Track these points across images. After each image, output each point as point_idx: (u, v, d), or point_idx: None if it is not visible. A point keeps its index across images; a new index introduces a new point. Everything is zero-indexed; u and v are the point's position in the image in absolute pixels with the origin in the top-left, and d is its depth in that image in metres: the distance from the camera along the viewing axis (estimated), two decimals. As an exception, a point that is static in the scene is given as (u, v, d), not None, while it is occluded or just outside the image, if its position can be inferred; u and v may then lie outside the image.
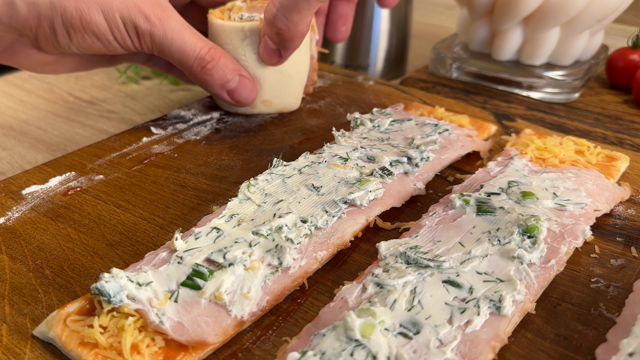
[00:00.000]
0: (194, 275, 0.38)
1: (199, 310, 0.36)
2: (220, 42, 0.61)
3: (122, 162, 0.56)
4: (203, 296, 0.37)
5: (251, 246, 0.40)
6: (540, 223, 0.42)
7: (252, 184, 0.47)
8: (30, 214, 0.48)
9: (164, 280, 0.38)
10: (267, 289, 0.39)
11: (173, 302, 0.37)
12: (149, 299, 0.36)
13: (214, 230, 0.42)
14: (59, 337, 0.35)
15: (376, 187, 0.47)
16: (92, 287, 0.36)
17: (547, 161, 0.53)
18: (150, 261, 0.40)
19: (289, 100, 0.65)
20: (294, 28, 0.53)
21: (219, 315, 0.36)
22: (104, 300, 0.35)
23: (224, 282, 0.38)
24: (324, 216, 0.44)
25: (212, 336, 0.35)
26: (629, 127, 0.65)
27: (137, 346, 0.34)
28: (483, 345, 0.34)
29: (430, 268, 0.39)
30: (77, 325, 0.35)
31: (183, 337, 0.34)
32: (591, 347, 0.36)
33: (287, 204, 0.45)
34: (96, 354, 0.34)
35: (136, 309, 0.35)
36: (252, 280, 0.38)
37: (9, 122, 0.71)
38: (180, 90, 0.80)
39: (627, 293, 0.40)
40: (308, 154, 0.52)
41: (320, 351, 0.33)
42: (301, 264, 0.41)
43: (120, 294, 0.35)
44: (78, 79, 0.84)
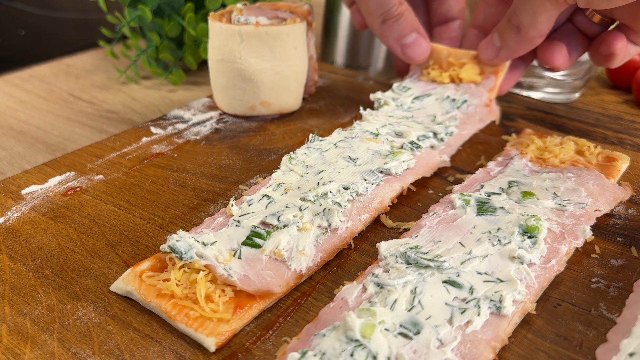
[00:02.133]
0: (253, 236, 0.42)
1: (262, 265, 0.40)
2: (218, 44, 0.61)
3: (122, 162, 0.56)
4: (264, 253, 0.41)
5: (301, 210, 0.44)
6: (541, 223, 0.42)
7: (293, 157, 0.51)
8: (30, 214, 0.48)
9: (226, 241, 0.42)
10: (319, 247, 0.43)
11: (237, 259, 0.40)
12: (215, 256, 0.39)
13: (265, 197, 0.46)
14: (138, 291, 0.38)
15: (408, 158, 0.51)
16: (163, 247, 0.39)
17: (547, 161, 0.52)
18: (209, 225, 0.44)
19: (288, 101, 0.65)
20: (524, 31, 0.53)
21: (280, 269, 0.40)
22: (175, 257, 0.39)
23: (281, 240, 0.41)
24: (363, 184, 0.48)
25: (276, 287, 0.39)
26: (629, 127, 0.65)
27: (210, 296, 0.38)
28: (483, 345, 0.34)
29: (431, 268, 0.39)
30: (152, 280, 0.39)
31: (251, 288, 0.38)
32: (591, 347, 0.36)
33: (329, 174, 0.49)
34: (174, 303, 0.37)
35: (205, 265, 0.38)
36: (306, 240, 0.42)
37: (9, 122, 0.71)
38: (180, 90, 0.80)
39: (627, 293, 0.40)
40: (341, 130, 0.56)
41: (320, 351, 0.33)
42: (347, 226, 0.45)
43: (190, 251, 0.39)
44: (78, 78, 0.84)
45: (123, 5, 0.78)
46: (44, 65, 0.89)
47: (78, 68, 0.88)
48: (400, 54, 0.61)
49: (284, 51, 0.61)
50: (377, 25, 0.61)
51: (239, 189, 0.52)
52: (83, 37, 1.05)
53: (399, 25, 0.60)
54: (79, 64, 0.90)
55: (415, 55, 0.61)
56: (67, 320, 0.38)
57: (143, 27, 0.81)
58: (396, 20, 0.60)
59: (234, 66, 0.61)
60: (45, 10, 1.17)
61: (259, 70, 0.61)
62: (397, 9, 0.60)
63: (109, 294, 0.40)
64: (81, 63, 0.90)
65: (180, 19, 0.77)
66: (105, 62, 0.90)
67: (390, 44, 0.61)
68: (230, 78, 0.63)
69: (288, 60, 0.62)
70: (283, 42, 0.61)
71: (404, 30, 0.60)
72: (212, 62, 0.64)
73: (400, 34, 0.60)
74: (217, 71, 0.63)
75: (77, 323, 0.37)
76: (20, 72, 0.85)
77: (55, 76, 0.85)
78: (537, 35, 0.54)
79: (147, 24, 0.79)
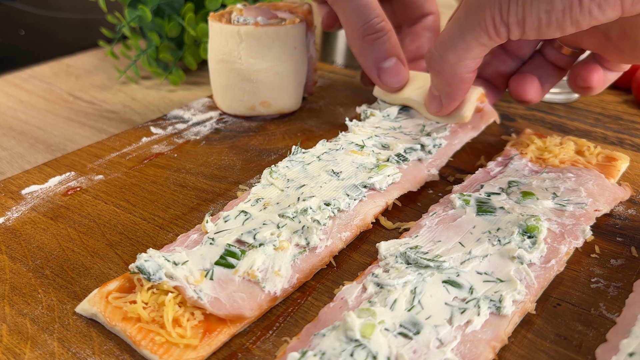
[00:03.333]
0: (227, 255, 0.40)
1: (234, 287, 0.38)
2: (218, 44, 0.61)
3: (122, 162, 0.56)
4: (237, 274, 0.39)
5: (279, 227, 0.42)
6: (541, 223, 0.42)
7: (274, 170, 0.49)
8: (30, 214, 0.48)
9: (198, 260, 0.40)
10: (296, 267, 0.41)
11: (209, 280, 0.38)
12: (186, 277, 0.38)
13: (242, 213, 0.44)
14: (103, 313, 0.36)
15: (394, 172, 0.49)
16: (131, 266, 0.37)
17: (547, 161, 0.53)
18: (183, 242, 0.42)
19: (287, 101, 0.65)
20: (449, 69, 0.48)
21: (253, 291, 0.38)
22: (143, 278, 0.37)
23: (255, 260, 0.40)
24: (345, 199, 0.46)
25: (248, 310, 0.37)
26: (629, 127, 0.65)
27: (178, 320, 0.36)
28: (483, 345, 0.34)
29: (431, 268, 0.39)
30: (119, 301, 0.37)
31: (221, 312, 0.36)
32: (591, 347, 0.36)
33: (310, 189, 0.47)
34: (140, 327, 0.35)
35: (174, 286, 0.37)
36: (282, 259, 0.40)
37: (9, 122, 0.71)
38: (180, 90, 0.80)
39: (627, 293, 0.40)
40: (325, 141, 0.54)
41: (320, 351, 0.33)
42: (327, 244, 0.43)
43: (159, 272, 0.37)
44: (78, 78, 0.84)
45: (123, 5, 0.78)
46: (44, 65, 0.89)
47: (78, 68, 0.88)
48: (376, 77, 0.57)
49: (283, 51, 0.61)
50: (356, 40, 0.55)
51: (238, 189, 0.52)
52: (83, 37, 1.05)
53: (380, 45, 0.55)
54: (79, 64, 0.90)
55: (391, 83, 0.56)
56: (67, 320, 0.38)
57: (143, 27, 0.81)
58: (378, 37, 0.55)
59: (233, 66, 0.61)
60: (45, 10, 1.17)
61: (259, 71, 0.61)
62: (380, 23, 0.55)
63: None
64: (81, 63, 0.90)
65: (180, 19, 0.77)
66: (105, 62, 0.90)
67: (367, 64, 0.56)
68: (230, 78, 0.63)
69: (288, 60, 0.62)
70: (283, 42, 0.61)
71: (384, 52, 0.55)
72: (212, 62, 0.64)
73: (380, 55, 0.55)
74: (217, 71, 0.63)
75: (77, 323, 0.37)
76: (21, 72, 0.85)
77: (55, 76, 0.85)
78: (466, 72, 0.48)
79: (147, 24, 0.79)
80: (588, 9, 0.39)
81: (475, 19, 0.44)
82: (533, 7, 0.41)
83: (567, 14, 0.40)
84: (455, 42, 0.46)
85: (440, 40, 0.47)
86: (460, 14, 0.45)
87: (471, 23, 0.44)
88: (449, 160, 0.55)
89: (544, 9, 0.40)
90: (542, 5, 0.40)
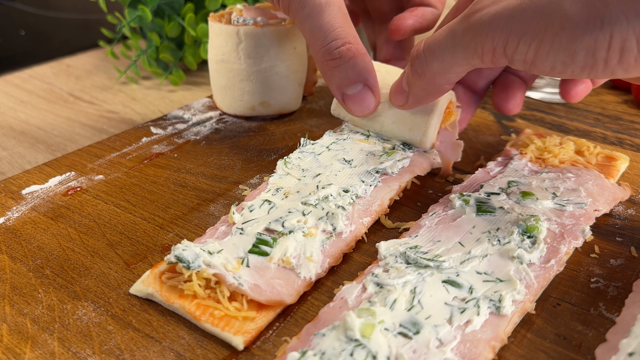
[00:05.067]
0: (260, 243, 0.41)
1: (271, 273, 0.40)
2: (217, 44, 0.61)
3: (122, 162, 0.56)
4: (272, 261, 0.40)
5: (304, 215, 0.43)
6: (540, 223, 0.42)
7: (288, 161, 0.50)
8: (30, 214, 0.48)
9: (232, 249, 0.41)
10: (325, 252, 0.42)
11: (245, 267, 0.40)
12: (224, 265, 0.39)
13: (266, 202, 0.45)
14: (159, 292, 0.38)
15: (402, 157, 0.50)
16: (168, 257, 0.39)
17: (547, 161, 0.53)
18: (213, 235, 0.43)
19: (287, 101, 0.65)
20: (430, 76, 0.44)
21: (290, 277, 0.40)
22: (183, 267, 0.38)
23: (288, 247, 0.41)
24: (362, 186, 0.47)
25: (287, 296, 0.38)
26: (629, 127, 0.65)
27: (234, 295, 0.38)
28: (483, 345, 0.34)
29: (430, 268, 0.39)
30: (172, 281, 0.39)
31: (262, 297, 0.37)
32: (591, 347, 0.36)
33: (326, 177, 0.48)
34: (197, 304, 0.37)
35: (214, 274, 0.38)
36: (313, 245, 0.42)
37: (9, 122, 0.71)
38: (180, 90, 0.80)
39: (626, 293, 0.40)
40: (331, 131, 0.54)
41: (320, 351, 0.33)
42: (351, 229, 0.44)
43: (198, 260, 0.38)
44: (78, 79, 0.84)
45: (123, 5, 0.78)
46: (44, 65, 0.89)
47: (78, 68, 0.88)
48: (341, 102, 0.51)
49: (283, 52, 0.61)
50: (317, 63, 0.51)
51: (239, 188, 0.52)
52: (83, 37, 1.05)
53: (343, 72, 0.49)
54: (79, 64, 0.90)
55: (356, 111, 0.51)
56: (68, 320, 0.38)
57: (143, 27, 0.81)
58: (337, 65, 0.49)
59: (233, 66, 0.61)
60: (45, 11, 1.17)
61: (259, 71, 0.61)
62: (340, 48, 0.48)
63: (109, 294, 0.40)
64: (81, 63, 0.90)
65: (180, 20, 0.77)
66: (105, 62, 0.90)
67: (331, 88, 0.51)
68: (229, 78, 0.63)
69: (287, 61, 0.62)
70: (282, 43, 0.61)
71: (347, 79, 0.49)
72: (212, 62, 0.64)
73: (342, 82, 0.49)
74: (217, 72, 0.63)
75: (78, 323, 0.37)
76: (21, 72, 0.85)
77: (56, 76, 0.85)
78: (446, 84, 0.45)
79: (147, 24, 0.79)
80: (612, 71, 0.35)
81: (473, 41, 0.39)
82: (549, 55, 0.36)
83: (586, 70, 0.36)
84: (444, 53, 0.42)
85: (429, 43, 0.44)
86: (457, 27, 0.41)
87: (467, 43, 0.40)
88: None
89: (561, 60, 0.36)
90: (561, 57, 0.36)
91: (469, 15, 0.40)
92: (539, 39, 0.36)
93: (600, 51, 0.34)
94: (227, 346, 0.36)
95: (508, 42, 0.37)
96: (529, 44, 0.37)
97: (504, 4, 0.38)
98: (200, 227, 0.47)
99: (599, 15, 0.34)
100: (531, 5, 0.36)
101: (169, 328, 0.37)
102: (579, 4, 0.34)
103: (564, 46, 0.35)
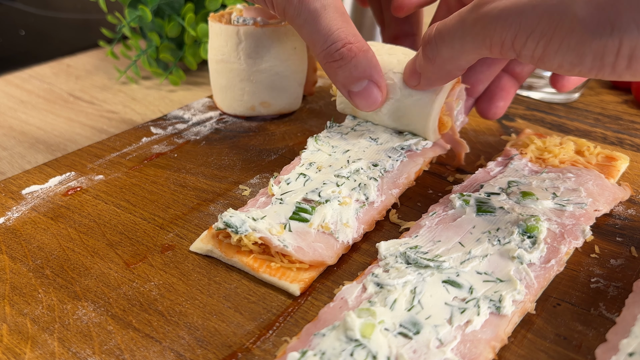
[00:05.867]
0: (299, 211, 0.45)
1: (311, 238, 0.43)
2: (217, 44, 0.61)
3: (122, 162, 0.56)
4: (312, 227, 0.44)
5: (338, 186, 0.47)
6: (540, 223, 0.42)
7: (318, 138, 0.54)
8: (30, 214, 0.48)
9: (274, 216, 0.44)
10: (360, 219, 0.46)
11: (288, 232, 0.43)
12: (268, 229, 0.42)
13: (301, 175, 0.49)
14: (219, 249, 0.42)
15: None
16: (216, 225, 0.42)
17: (547, 161, 0.53)
18: (254, 205, 0.47)
19: (287, 101, 0.65)
20: (441, 61, 0.44)
21: (329, 241, 0.43)
22: (231, 232, 0.41)
23: (326, 214, 0.44)
24: (389, 161, 0.51)
25: (328, 257, 0.42)
26: (629, 127, 0.65)
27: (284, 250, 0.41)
28: (483, 345, 0.34)
29: (430, 268, 0.39)
30: (229, 240, 0.42)
31: (306, 258, 0.41)
32: (591, 347, 0.36)
33: (355, 152, 0.52)
34: (255, 257, 0.41)
35: (260, 237, 0.41)
36: (348, 213, 0.45)
37: (9, 122, 0.71)
38: (180, 90, 0.80)
39: (627, 293, 0.40)
40: (352, 117, 0.57)
41: (320, 351, 0.33)
42: (382, 199, 0.48)
43: (244, 225, 0.41)
44: (78, 79, 0.84)
45: (123, 5, 0.78)
46: (44, 65, 0.89)
47: (78, 68, 0.88)
48: (347, 98, 0.52)
49: (283, 51, 0.61)
50: (321, 64, 0.50)
51: (239, 189, 0.52)
52: (83, 37, 1.05)
53: (346, 71, 0.49)
54: (79, 64, 0.90)
55: (362, 106, 0.51)
56: (68, 320, 0.38)
57: (143, 27, 0.81)
58: (340, 66, 0.49)
59: (233, 66, 0.61)
60: (45, 10, 1.17)
61: (259, 71, 0.61)
62: (341, 49, 0.48)
63: (109, 294, 0.40)
64: (81, 63, 0.90)
65: (180, 20, 0.77)
66: (105, 62, 0.90)
67: (337, 86, 0.51)
68: (229, 79, 0.63)
69: (287, 61, 0.62)
70: (282, 43, 0.61)
71: (351, 77, 0.49)
72: (212, 62, 0.64)
73: (347, 80, 0.49)
74: (217, 72, 0.63)
75: (78, 323, 0.37)
76: (21, 72, 0.85)
77: (56, 76, 0.85)
78: (456, 70, 0.45)
79: (147, 24, 0.79)
80: (619, 75, 0.35)
81: (482, 32, 0.39)
82: (557, 54, 0.36)
83: (593, 72, 0.36)
84: (453, 40, 0.42)
85: (440, 29, 0.43)
86: (467, 16, 0.41)
87: (476, 32, 0.40)
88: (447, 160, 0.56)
89: (569, 60, 0.36)
90: (568, 57, 0.35)
91: (480, 5, 0.40)
92: (548, 38, 0.36)
93: (609, 56, 0.34)
94: (227, 346, 0.36)
95: (516, 37, 0.37)
96: (537, 41, 0.37)
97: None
98: (200, 227, 0.47)
99: (609, 21, 0.33)
100: (541, 4, 0.36)
101: (169, 328, 0.37)
102: (590, 7, 0.34)
103: (572, 47, 0.35)
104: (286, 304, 0.40)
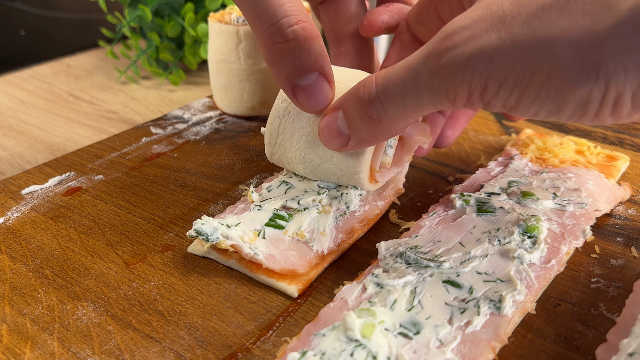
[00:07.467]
0: (276, 218, 0.44)
1: (285, 245, 0.42)
2: (217, 44, 0.61)
3: (122, 162, 0.56)
4: (287, 234, 0.43)
5: (319, 194, 0.46)
6: (541, 223, 0.42)
7: None
8: (30, 214, 0.48)
9: (249, 223, 0.44)
10: (339, 228, 0.44)
11: (261, 239, 0.42)
12: (241, 237, 0.41)
13: (283, 183, 0.48)
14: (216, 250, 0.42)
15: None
16: (189, 232, 0.42)
17: (547, 161, 0.53)
18: (232, 211, 0.46)
19: (288, 100, 0.65)
20: (387, 123, 0.38)
21: (303, 249, 0.42)
22: (202, 240, 0.41)
23: (303, 222, 0.43)
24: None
25: (300, 267, 0.41)
26: (629, 127, 0.65)
27: None
28: (483, 345, 0.34)
29: (430, 268, 0.39)
30: None
31: (276, 266, 0.40)
32: (591, 347, 0.36)
33: None
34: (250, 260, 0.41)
35: (231, 245, 0.40)
36: (326, 221, 0.44)
37: (9, 122, 0.71)
38: (180, 90, 0.80)
39: (627, 293, 0.40)
40: None
41: (320, 351, 0.33)
42: (365, 209, 0.47)
43: (216, 232, 0.41)
44: (78, 79, 0.84)
45: (123, 5, 0.78)
46: (44, 65, 0.89)
47: (78, 68, 0.88)
48: (291, 95, 0.42)
49: (284, 51, 0.61)
50: (262, 48, 0.40)
51: (238, 189, 0.52)
52: (83, 37, 1.05)
53: (297, 58, 0.39)
54: (79, 64, 0.90)
55: (309, 105, 0.42)
56: (67, 320, 0.38)
57: (143, 27, 0.81)
58: (290, 49, 0.39)
59: (233, 66, 0.61)
60: (45, 10, 1.17)
61: (259, 71, 0.61)
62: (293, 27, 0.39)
63: (109, 294, 0.40)
64: (81, 63, 0.90)
65: (180, 19, 0.77)
66: (105, 62, 0.90)
67: (280, 79, 0.41)
68: (229, 79, 0.63)
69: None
70: (283, 42, 0.61)
71: (302, 66, 0.40)
72: (212, 62, 0.64)
73: (295, 71, 0.40)
74: (217, 72, 0.63)
75: (77, 323, 0.37)
76: (21, 72, 0.85)
77: (56, 76, 0.85)
78: (404, 127, 0.39)
79: (147, 24, 0.79)
80: (601, 121, 0.32)
81: (444, 85, 0.34)
82: (534, 103, 0.32)
83: (573, 119, 0.32)
84: (405, 98, 0.36)
85: (385, 86, 0.37)
86: (421, 67, 0.35)
87: (436, 86, 0.34)
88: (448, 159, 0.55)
89: (547, 109, 0.32)
90: (547, 106, 0.32)
91: (438, 53, 0.34)
92: (523, 86, 0.32)
93: (593, 104, 0.31)
94: (227, 346, 0.36)
95: (487, 88, 0.33)
96: (511, 90, 0.32)
97: (481, 43, 0.32)
98: (200, 227, 0.47)
99: (594, 66, 0.29)
100: (514, 48, 0.31)
101: (169, 328, 0.37)
102: (572, 50, 0.30)
103: (551, 96, 0.31)
104: (286, 304, 0.40)
